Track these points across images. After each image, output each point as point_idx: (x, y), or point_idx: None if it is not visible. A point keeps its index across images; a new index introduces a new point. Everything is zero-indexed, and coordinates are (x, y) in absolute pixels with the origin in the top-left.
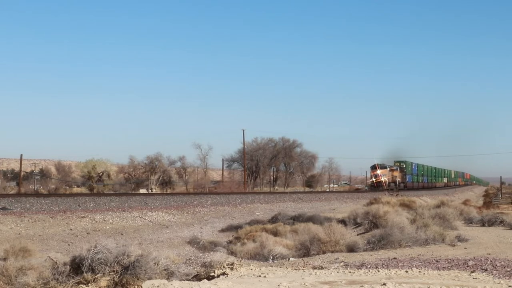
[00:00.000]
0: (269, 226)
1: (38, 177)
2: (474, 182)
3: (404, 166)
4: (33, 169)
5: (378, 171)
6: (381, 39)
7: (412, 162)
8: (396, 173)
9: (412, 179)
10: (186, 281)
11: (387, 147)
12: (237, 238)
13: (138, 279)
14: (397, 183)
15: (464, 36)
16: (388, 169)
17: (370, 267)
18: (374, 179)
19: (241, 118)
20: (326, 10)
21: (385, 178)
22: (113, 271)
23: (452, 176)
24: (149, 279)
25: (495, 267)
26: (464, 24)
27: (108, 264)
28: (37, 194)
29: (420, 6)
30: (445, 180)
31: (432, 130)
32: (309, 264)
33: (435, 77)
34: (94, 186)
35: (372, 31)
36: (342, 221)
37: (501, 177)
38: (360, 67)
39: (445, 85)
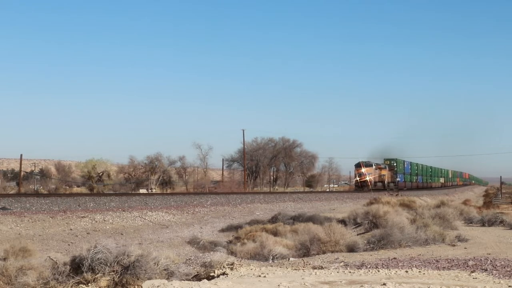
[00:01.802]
0: (269, 226)
1: (38, 177)
2: (473, 182)
3: (395, 164)
4: (33, 169)
5: (363, 169)
6: (381, 39)
7: (404, 161)
8: (385, 172)
9: (404, 179)
10: (186, 281)
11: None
12: (237, 238)
13: (138, 279)
14: (385, 182)
15: (465, 36)
16: (374, 167)
17: (370, 267)
18: (358, 178)
19: (241, 118)
20: (327, 10)
21: (371, 177)
22: (113, 271)
23: (450, 176)
24: (149, 279)
25: (495, 267)
26: (464, 24)
27: (108, 264)
28: (37, 194)
29: (421, 6)
30: (442, 180)
31: (432, 129)
32: (309, 264)
33: (435, 77)
34: (94, 186)
35: (372, 31)
36: (342, 221)
37: (501, 177)
38: (360, 67)
39: (445, 85)
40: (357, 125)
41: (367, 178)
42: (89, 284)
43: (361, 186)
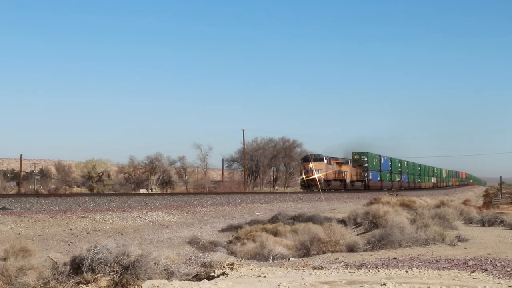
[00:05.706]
0: (269, 226)
1: (38, 177)
2: (471, 181)
3: (366, 159)
4: (33, 169)
5: (311, 165)
6: (381, 39)
7: (380, 155)
8: (347, 168)
9: (381, 177)
10: (186, 281)
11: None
12: (237, 238)
13: (138, 279)
14: (346, 181)
15: (466, 36)
16: (326, 161)
17: (370, 267)
18: (304, 176)
19: (241, 118)
20: (327, 11)
21: (321, 174)
22: (113, 271)
23: (444, 175)
24: (149, 279)
25: (495, 267)
26: (466, 24)
27: (108, 264)
28: (37, 194)
29: (421, 6)
30: (434, 179)
31: (432, 129)
32: (309, 264)
33: (435, 78)
34: (94, 186)
35: (372, 31)
36: (342, 221)
37: (501, 177)
38: (360, 67)
39: (445, 85)
40: (357, 125)
41: (316, 176)
42: (89, 284)
43: (308, 186)
